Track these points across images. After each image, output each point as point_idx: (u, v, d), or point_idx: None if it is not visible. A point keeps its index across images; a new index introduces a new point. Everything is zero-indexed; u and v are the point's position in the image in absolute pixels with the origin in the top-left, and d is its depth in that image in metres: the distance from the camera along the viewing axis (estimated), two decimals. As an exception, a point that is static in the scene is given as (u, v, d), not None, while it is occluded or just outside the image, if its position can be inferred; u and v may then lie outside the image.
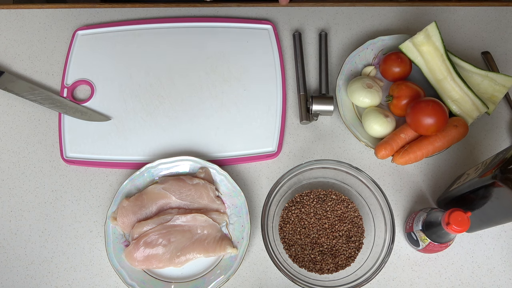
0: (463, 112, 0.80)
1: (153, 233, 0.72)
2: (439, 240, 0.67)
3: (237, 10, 0.93)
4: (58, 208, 0.78)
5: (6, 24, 0.92)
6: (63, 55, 0.89)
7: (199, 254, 0.73)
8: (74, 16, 0.93)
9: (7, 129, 0.84)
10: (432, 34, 0.80)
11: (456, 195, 0.70)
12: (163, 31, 0.90)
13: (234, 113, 0.84)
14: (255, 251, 0.76)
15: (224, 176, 0.77)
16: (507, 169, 0.57)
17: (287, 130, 0.84)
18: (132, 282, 0.71)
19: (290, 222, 0.75)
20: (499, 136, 0.83)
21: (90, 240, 0.77)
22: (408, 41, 0.81)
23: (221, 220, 0.75)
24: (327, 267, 0.72)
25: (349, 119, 0.81)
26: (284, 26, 0.92)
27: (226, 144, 0.82)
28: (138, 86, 0.86)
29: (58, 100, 0.84)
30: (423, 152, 0.76)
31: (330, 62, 0.89)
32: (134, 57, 0.88)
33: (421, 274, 0.74)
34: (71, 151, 0.81)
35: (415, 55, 0.82)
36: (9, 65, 0.89)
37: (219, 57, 0.88)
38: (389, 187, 0.80)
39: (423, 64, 0.82)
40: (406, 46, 0.82)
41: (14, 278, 0.74)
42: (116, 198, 0.76)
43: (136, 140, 0.82)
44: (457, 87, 0.80)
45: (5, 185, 0.80)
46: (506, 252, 0.75)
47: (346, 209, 0.76)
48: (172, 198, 0.76)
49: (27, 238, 0.77)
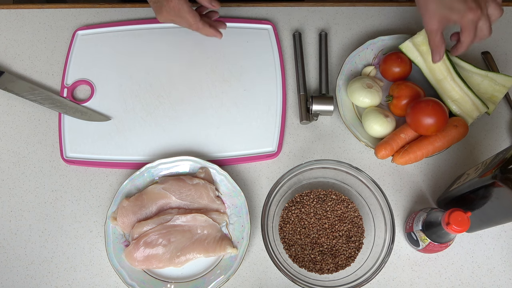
0: (463, 112, 0.80)
1: (153, 233, 0.73)
2: (439, 240, 0.67)
3: (237, 10, 0.93)
4: (58, 208, 0.78)
5: (6, 24, 0.92)
6: (63, 55, 0.89)
7: (199, 254, 0.73)
8: (74, 16, 0.93)
9: (7, 129, 0.84)
10: None
11: (456, 195, 0.70)
12: (163, 31, 0.90)
13: (234, 113, 0.84)
14: (255, 251, 0.76)
15: (224, 176, 0.77)
16: (507, 169, 0.57)
17: (287, 130, 0.84)
18: (132, 282, 0.71)
19: (290, 222, 0.75)
20: (499, 136, 0.83)
21: (90, 240, 0.77)
22: (408, 41, 0.81)
23: (221, 220, 0.75)
24: (327, 267, 0.72)
25: (349, 119, 0.81)
26: (284, 26, 0.92)
27: (226, 144, 0.82)
28: (138, 86, 0.86)
29: (58, 100, 0.84)
30: (423, 152, 0.76)
31: (330, 62, 0.89)
32: (134, 57, 0.88)
33: (421, 274, 0.74)
34: (71, 151, 0.81)
35: (415, 55, 0.82)
36: (9, 65, 0.89)
37: (219, 57, 0.88)
38: (389, 187, 0.80)
39: (423, 64, 0.82)
40: (406, 46, 0.82)
41: (14, 278, 0.74)
42: (116, 198, 0.76)
43: (136, 140, 0.82)
44: (457, 87, 0.80)
45: (5, 185, 0.80)
46: (506, 252, 0.75)
47: (346, 209, 0.76)
48: (172, 198, 0.76)
49: (27, 238, 0.77)
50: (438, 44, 0.73)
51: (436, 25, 0.71)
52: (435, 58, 0.75)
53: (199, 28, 0.81)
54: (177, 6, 0.77)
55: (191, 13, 0.78)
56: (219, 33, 0.83)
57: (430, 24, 0.72)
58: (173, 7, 0.77)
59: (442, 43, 0.73)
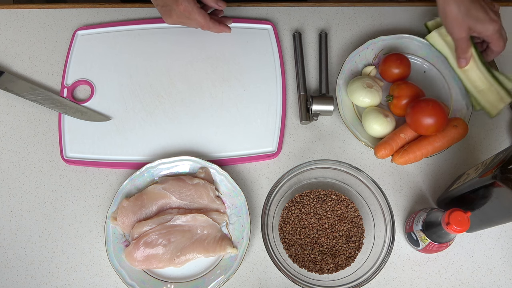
0: (488, 103, 0.79)
1: (153, 233, 0.73)
2: (439, 240, 0.67)
3: (237, 10, 0.93)
4: (58, 208, 0.78)
5: (6, 24, 0.92)
6: (63, 55, 0.89)
7: (199, 254, 0.73)
8: (74, 16, 0.93)
9: (7, 129, 0.84)
10: None
11: (456, 195, 0.70)
12: (163, 31, 0.90)
13: (234, 113, 0.84)
14: (255, 251, 0.76)
15: (224, 176, 0.77)
16: (507, 169, 0.57)
17: (287, 130, 0.84)
18: (132, 282, 0.71)
19: (290, 222, 0.75)
20: (499, 136, 0.83)
21: (90, 240, 0.77)
22: (434, 31, 0.82)
23: (221, 220, 0.75)
24: (327, 267, 0.72)
25: (349, 119, 0.81)
26: (284, 26, 0.92)
27: (226, 144, 0.82)
28: (138, 86, 0.86)
29: (58, 100, 0.84)
30: (423, 152, 0.76)
31: (330, 62, 0.89)
32: (134, 57, 0.88)
33: (421, 274, 0.74)
34: (71, 151, 0.81)
35: (441, 46, 0.82)
36: (9, 65, 0.89)
37: (219, 57, 0.88)
38: (389, 187, 0.80)
39: (449, 54, 0.82)
40: (432, 36, 0.83)
41: (14, 278, 0.75)
42: (116, 198, 0.76)
43: (136, 140, 0.82)
44: (483, 76, 0.80)
45: (5, 185, 0.80)
46: (506, 252, 0.75)
47: (346, 209, 0.76)
48: (172, 198, 0.76)
49: (27, 238, 0.77)
50: (465, 50, 0.78)
51: (465, 33, 0.76)
52: (462, 64, 0.80)
53: (210, 27, 0.82)
54: (187, 9, 0.78)
55: (201, 14, 0.79)
56: (228, 28, 0.85)
57: (459, 33, 0.76)
58: (183, 10, 0.78)
59: (469, 49, 0.78)
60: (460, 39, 0.77)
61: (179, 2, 0.77)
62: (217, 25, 0.83)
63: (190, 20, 0.81)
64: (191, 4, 0.78)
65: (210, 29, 0.83)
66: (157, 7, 0.81)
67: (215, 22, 0.82)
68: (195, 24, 0.82)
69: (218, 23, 0.83)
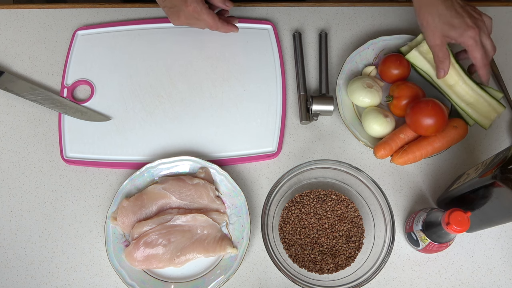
0: (481, 116, 0.78)
1: (153, 233, 0.73)
2: (439, 240, 0.67)
3: (237, 10, 0.93)
4: (58, 208, 0.78)
5: (6, 24, 0.92)
6: (63, 55, 0.89)
7: (199, 254, 0.73)
8: (74, 16, 0.93)
9: (7, 129, 0.84)
10: None
11: (456, 195, 0.70)
12: (163, 31, 0.90)
13: (234, 113, 0.84)
14: (255, 251, 0.76)
15: (224, 176, 0.77)
16: (507, 169, 0.57)
17: (287, 130, 0.84)
18: (132, 282, 0.71)
19: (290, 222, 0.75)
20: (499, 136, 0.83)
21: (90, 240, 0.77)
22: (414, 50, 0.79)
23: (221, 220, 0.76)
24: (327, 267, 0.72)
25: (349, 119, 0.81)
26: (284, 26, 0.92)
27: (226, 144, 0.82)
28: (138, 86, 0.86)
29: (58, 100, 0.84)
30: (422, 152, 0.76)
31: (330, 62, 0.89)
32: (134, 57, 0.88)
33: (421, 274, 0.74)
34: (71, 151, 0.81)
35: (422, 63, 0.80)
36: (9, 65, 0.89)
37: (219, 57, 0.88)
38: (389, 187, 0.80)
39: (432, 72, 0.80)
40: (413, 55, 0.80)
41: (14, 278, 0.75)
42: (116, 198, 0.76)
43: (136, 140, 0.82)
44: (470, 90, 0.79)
45: (5, 185, 0.80)
46: (506, 252, 0.75)
47: (346, 209, 0.76)
48: (172, 198, 0.76)
49: (27, 238, 0.77)
50: (442, 59, 0.75)
51: (439, 40, 0.73)
52: (440, 74, 0.77)
53: (219, 27, 0.82)
54: (196, 10, 0.78)
55: (210, 15, 0.79)
56: (236, 27, 0.86)
57: (433, 40, 0.74)
58: (192, 11, 0.78)
59: (446, 58, 0.75)
60: (435, 46, 0.74)
61: (188, 3, 0.77)
62: (226, 25, 0.83)
63: (199, 21, 0.81)
64: (200, 4, 0.77)
65: (219, 29, 0.83)
66: (164, 9, 0.81)
67: (224, 22, 0.83)
68: (203, 25, 0.82)
69: (226, 23, 0.84)
